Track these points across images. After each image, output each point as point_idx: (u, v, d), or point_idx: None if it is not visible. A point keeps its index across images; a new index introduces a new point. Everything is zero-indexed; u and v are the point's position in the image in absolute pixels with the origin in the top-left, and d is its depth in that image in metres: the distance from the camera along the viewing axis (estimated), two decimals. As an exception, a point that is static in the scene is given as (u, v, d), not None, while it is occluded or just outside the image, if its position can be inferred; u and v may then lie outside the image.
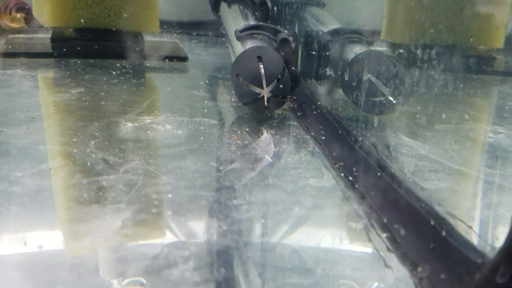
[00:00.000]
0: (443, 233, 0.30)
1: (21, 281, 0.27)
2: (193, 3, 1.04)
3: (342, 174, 0.42)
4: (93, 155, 0.42)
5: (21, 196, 0.35)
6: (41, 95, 0.58)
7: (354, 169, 0.41)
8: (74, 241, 0.31)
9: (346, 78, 0.57)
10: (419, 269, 0.29)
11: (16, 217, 0.33)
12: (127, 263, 0.29)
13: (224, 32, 0.84)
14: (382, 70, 0.54)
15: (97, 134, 0.47)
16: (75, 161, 0.41)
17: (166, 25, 1.00)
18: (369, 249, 0.32)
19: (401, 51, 0.77)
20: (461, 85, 0.67)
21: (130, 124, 0.50)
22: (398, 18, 0.79)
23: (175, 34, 1.00)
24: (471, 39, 0.73)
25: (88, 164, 0.40)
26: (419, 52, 0.74)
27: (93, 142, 0.45)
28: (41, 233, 0.32)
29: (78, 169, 0.39)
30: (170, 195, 0.37)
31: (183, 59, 0.79)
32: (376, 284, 0.29)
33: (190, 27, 1.03)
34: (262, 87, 0.54)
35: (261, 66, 0.55)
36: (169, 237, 0.33)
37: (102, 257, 0.29)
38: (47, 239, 0.31)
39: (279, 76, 0.55)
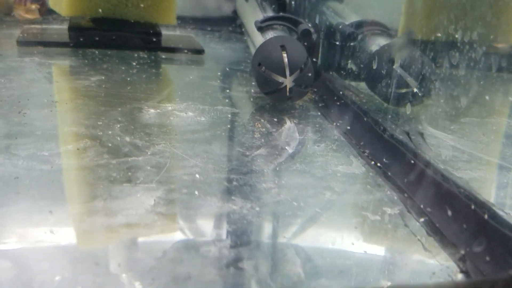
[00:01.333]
0: (485, 217, 0.29)
1: (50, 255, 0.26)
2: (208, -2, 1.03)
3: (372, 162, 0.41)
4: (119, 138, 0.41)
5: (51, 174, 0.34)
6: (61, 81, 0.58)
7: (384, 158, 0.40)
8: (107, 217, 0.30)
9: (371, 70, 0.57)
10: (462, 251, 0.28)
11: (45, 193, 0.32)
12: (161, 243, 0.28)
13: (241, 26, 0.84)
14: (409, 61, 0.53)
15: (120, 118, 0.46)
16: (102, 143, 0.40)
17: (180, 20, 1.00)
18: (407, 235, 0.32)
19: (420, 47, 0.76)
20: (482, 82, 0.66)
21: (152, 111, 0.50)
22: (416, 13, 0.79)
23: (189, 29, 0.99)
24: (491, 37, 0.72)
25: (116, 146, 0.39)
26: (438, 49, 0.73)
27: (118, 126, 0.44)
28: (73, 212, 0.31)
29: (106, 151, 0.38)
30: (199, 176, 0.36)
31: (200, 51, 0.78)
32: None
33: (204, 23, 1.02)
34: (285, 76, 0.54)
35: (285, 55, 0.54)
36: (201, 219, 0.32)
37: (134, 238, 0.29)
38: (78, 216, 0.30)
39: (302, 66, 0.54)
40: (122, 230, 0.28)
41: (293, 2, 0.83)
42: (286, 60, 0.54)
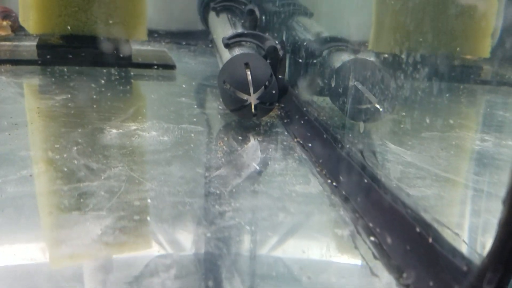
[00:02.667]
0: (429, 240, 0.30)
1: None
2: (182, 12, 1.04)
3: (329, 181, 0.41)
4: (75, 162, 0.41)
5: (1, 203, 0.34)
6: (25, 102, 0.57)
7: (340, 176, 0.40)
8: (53, 248, 0.30)
9: (333, 86, 0.57)
10: (405, 275, 0.29)
11: (-8, 224, 0.32)
12: (107, 272, 0.28)
13: (212, 39, 0.84)
14: (368, 77, 0.54)
15: (80, 140, 0.46)
16: (57, 167, 0.40)
17: (156, 34, 1.00)
18: (356, 257, 0.32)
19: (388, 60, 0.77)
20: (447, 95, 0.67)
21: (114, 131, 0.50)
22: (384, 28, 0.80)
23: (163, 43, 1.00)
24: (458, 49, 0.74)
25: (71, 170, 0.39)
26: (405, 61, 0.74)
27: (75, 148, 0.44)
28: (20, 241, 0.31)
29: (60, 176, 0.38)
30: (152, 201, 0.36)
31: (171, 67, 0.78)
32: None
33: (179, 37, 1.03)
34: (249, 94, 0.54)
35: (248, 73, 0.54)
36: (151, 246, 0.32)
37: (82, 266, 0.29)
38: (27, 246, 0.30)
39: (266, 83, 0.55)
40: (65, 261, 0.28)
41: (263, 17, 0.84)
42: (250, 77, 0.54)
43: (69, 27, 0.70)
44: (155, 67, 0.77)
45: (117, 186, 0.37)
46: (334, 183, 0.41)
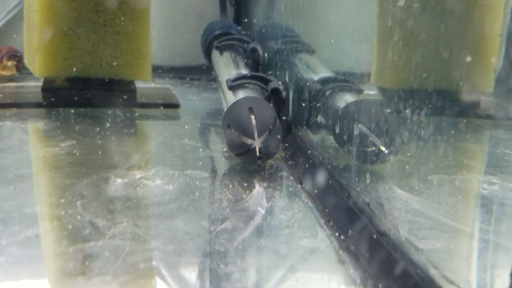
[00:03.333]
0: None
1: None
2: (186, 48, 1.05)
3: (337, 233, 0.41)
4: (80, 218, 0.41)
5: (3, 268, 0.33)
6: (30, 150, 0.58)
7: (349, 229, 0.40)
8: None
9: (337, 128, 0.57)
10: None
11: (-4, 293, 0.31)
12: None
13: (215, 77, 0.85)
14: (373, 120, 0.54)
15: (85, 193, 0.46)
16: (62, 225, 0.40)
17: (160, 70, 1.01)
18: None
19: (391, 95, 0.78)
20: (452, 132, 0.67)
21: (119, 180, 0.50)
22: (386, 63, 0.81)
23: (167, 79, 1.01)
24: (461, 83, 0.74)
25: (76, 228, 0.39)
26: (408, 97, 0.75)
27: (80, 202, 0.44)
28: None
29: (65, 235, 0.38)
30: (157, 263, 0.35)
31: (175, 106, 0.79)
32: None
33: (182, 72, 1.04)
34: (253, 138, 0.54)
35: (253, 117, 0.54)
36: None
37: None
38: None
39: (271, 127, 0.55)
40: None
41: (266, 54, 0.85)
42: (254, 122, 0.54)
43: (74, 70, 0.71)
44: (160, 107, 0.78)
45: (122, 245, 0.37)
46: (342, 237, 0.40)
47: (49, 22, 0.68)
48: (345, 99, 0.60)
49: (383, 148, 0.54)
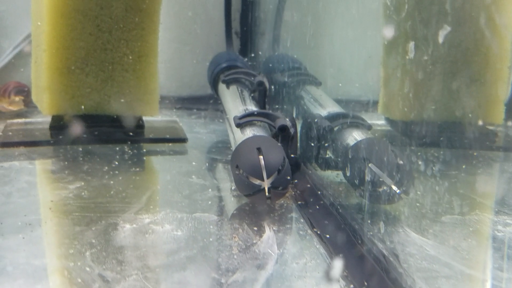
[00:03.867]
0: None
1: None
2: (193, 79, 1.06)
3: (352, 286, 0.40)
4: (89, 270, 0.40)
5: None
6: (38, 194, 0.57)
7: (364, 281, 0.39)
8: None
9: (347, 166, 0.57)
10: None
11: None
12: None
13: (223, 110, 0.85)
14: (383, 158, 0.54)
15: (94, 241, 0.45)
16: (71, 279, 0.39)
17: (167, 101, 1.02)
18: None
19: (399, 127, 0.77)
20: (463, 166, 0.66)
21: (128, 226, 0.49)
22: (393, 94, 0.80)
23: (174, 110, 1.01)
24: (470, 115, 0.73)
25: (85, 282, 0.38)
26: (416, 129, 0.74)
27: (89, 252, 0.43)
28: None
29: (73, 292, 0.37)
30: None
31: (183, 140, 0.79)
32: None
33: (189, 102, 1.04)
34: (262, 180, 0.53)
35: (261, 157, 0.54)
36: None
37: None
38: None
39: (280, 168, 0.54)
40: None
41: (272, 87, 0.85)
42: (262, 162, 0.54)
43: (82, 107, 0.72)
44: (168, 143, 0.77)
45: (133, 303, 0.36)
46: (357, 289, 0.39)
47: (57, 61, 0.68)
48: (354, 136, 0.60)
49: (394, 188, 0.53)
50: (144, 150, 0.75)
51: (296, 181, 0.62)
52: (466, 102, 0.73)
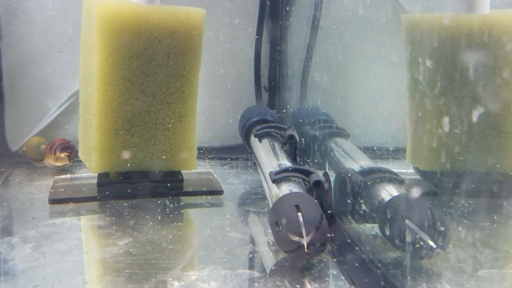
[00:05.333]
0: None
1: None
2: (224, 130, 1.11)
3: None
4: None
5: None
6: (91, 251, 0.61)
7: None
8: None
9: (383, 222, 0.59)
10: None
11: None
12: None
13: (255, 162, 0.89)
14: (419, 214, 0.56)
15: (148, 300, 0.48)
16: None
17: (201, 151, 1.06)
18: None
19: (429, 177, 0.79)
20: (495, 216, 0.68)
21: (176, 284, 0.52)
22: (421, 144, 0.82)
23: (207, 160, 1.05)
24: (497, 165, 0.75)
25: None
26: (447, 179, 0.76)
27: (145, 312, 0.46)
28: None
29: None
30: None
31: (219, 192, 0.83)
32: None
33: (221, 152, 1.09)
34: (302, 237, 0.56)
35: (300, 214, 0.57)
36: None
37: None
38: None
39: (318, 224, 0.57)
40: None
41: (302, 139, 0.89)
42: (301, 219, 0.56)
43: (128, 165, 0.77)
44: (204, 196, 0.81)
45: None
46: None
47: (105, 124, 0.74)
48: (388, 190, 0.62)
49: (431, 243, 0.55)
50: (183, 203, 0.79)
51: (332, 235, 0.65)
52: (495, 153, 0.75)
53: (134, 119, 0.75)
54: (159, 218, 0.71)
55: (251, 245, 0.64)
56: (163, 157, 0.78)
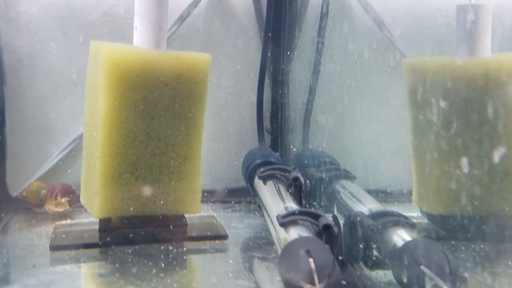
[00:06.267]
0: None
1: None
2: (226, 172, 1.10)
3: None
4: None
5: None
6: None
7: None
8: None
9: (397, 267, 0.57)
10: None
11: None
12: None
13: (259, 205, 0.87)
14: (434, 260, 0.54)
15: None
16: None
17: (203, 194, 1.05)
18: None
19: (437, 221, 0.78)
20: (510, 262, 0.66)
21: (185, 336, 0.49)
22: (429, 186, 0.82)
23: (210, 204, 1.04)
24: (507, 208, 0.74)
25: None
26: (458, 224, 0.75)
27: None
28: None
29: None
30: None
31: (223, 237, 0.81)
32: None
33: (224, 195, 1.07)
34: (314, 284, 0.54)
35: (311, 260, 0.55)
36: None
37: None
38: None
39: (330, 271, 0.55)
40: None
41: (307, 181, 0.88)
42: (313, 266, 0.55)
43: (131, 209, 0.75)
44: (208, 240, 0.79)
45: None
46: None
47: (109, 167, 0.73)
48: (400, 235, 0.61)
49: (447, 289, 0.53)
50: (185, 249, 0.77)
51: (344, 283, 0.62)
52: (502, 196, 0.74)
53: (138, 162, 0.75)
54: (163, 265, 0.69)
55: (259, 293, 0.62)
56: (167, 200, 0.77)
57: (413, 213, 0.85)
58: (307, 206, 0.85)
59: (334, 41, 0.97)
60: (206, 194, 1.06)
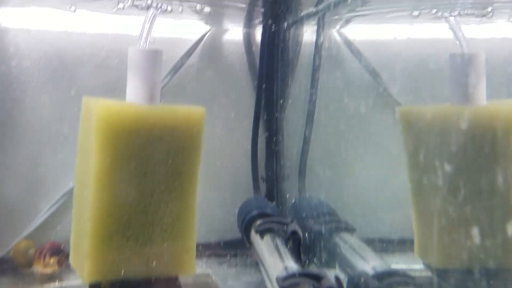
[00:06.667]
0: None
1: None
2: (221, 224, 1.07)
3: None
4: None
5: None
6: None
7: None
8: None
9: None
10: None
11: None
12: None
13: (257, 262, 0.84)
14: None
15: None
16: None
17: (197, 248, 1.01)
18: None
19: (442, 276, 0.75)
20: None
21: None
22: (429, 237, 0.79)
23: (204, 259, 1.00)
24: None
25: None
26: (464, 279, 0.72)
27: None
28: None
29: None
30: None
31: (220, 299, 0.77)
32: None
33: (218, 248, 1.03)
34: None
35: (315, 330, 0.52)
36: None
37: None
38: None
39: None
40: None
41: (306, 234, 0.85)
42: (318, 336, 0.51)
43: (122, 272, 0.71)
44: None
45: None
46: None
47: (100, 229, 0.70)
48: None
49: None
50: (182, 314, 0.73)
51: None
52: (507, 247, 0.72)
53: (130, 221, 0.71)
54: (157, 334, 0.65)
55: None
56: (160, 261, 0.73)
57: (416, 265, 0.83)
58: (307, 262, 0.81)
59: (328, 93, 0.97)
60: (200, 247, 1.02)
